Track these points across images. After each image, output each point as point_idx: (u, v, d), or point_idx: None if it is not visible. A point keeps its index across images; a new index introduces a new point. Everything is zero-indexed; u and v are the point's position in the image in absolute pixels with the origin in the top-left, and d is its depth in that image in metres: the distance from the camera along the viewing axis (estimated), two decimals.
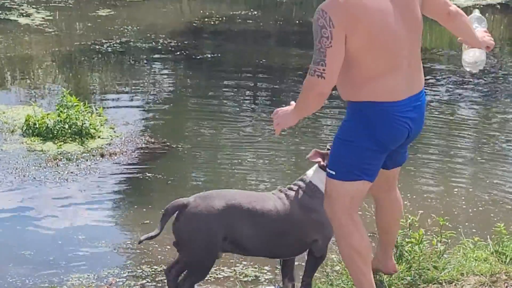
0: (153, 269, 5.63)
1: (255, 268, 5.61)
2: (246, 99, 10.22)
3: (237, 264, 5.65)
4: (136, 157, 7.83)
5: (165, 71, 11.59)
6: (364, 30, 4.01)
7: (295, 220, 4.71)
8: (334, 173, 4.29)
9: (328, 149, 4.75)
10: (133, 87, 10.49)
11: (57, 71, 11.21)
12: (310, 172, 4.85)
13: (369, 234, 4.61)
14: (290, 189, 4.83)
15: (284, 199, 4.76)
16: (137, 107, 9.71)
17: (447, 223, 5.41)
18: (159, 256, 5.80)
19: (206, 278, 4.83)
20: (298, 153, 8.04)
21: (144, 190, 7.13)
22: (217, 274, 5.49)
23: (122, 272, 5.61)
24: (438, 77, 11.37)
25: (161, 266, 5.61)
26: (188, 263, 4.65)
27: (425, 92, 4.36)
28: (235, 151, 8.13)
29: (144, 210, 6.65)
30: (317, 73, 4.03)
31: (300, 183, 4.83)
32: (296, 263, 4.99)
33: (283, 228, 4.70)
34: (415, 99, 4.25)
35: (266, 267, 5.61)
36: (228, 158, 7.94)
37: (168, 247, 5.74)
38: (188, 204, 4.62)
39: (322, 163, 4.73)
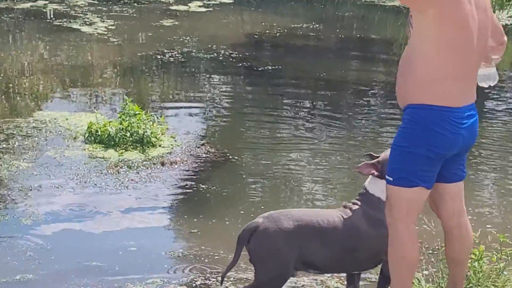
0: (204, 276, 5.68)
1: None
2: (305, 112, 10.22)
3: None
4: (196, 166, 7.89)
5: (226, 82, 11.66)
6: (456, 24, 4.17)
7: (363, 235, 4.70)
8: (391, 179, 4.39)
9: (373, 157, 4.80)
10: (194, 97, 10.57)
11: (119, 80, 11.34)
12: (367, 184, 4.84)
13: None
14: (354, 203, 4.82)
15: (350, 215, 4.75)
16: (198, 116, 9.79)
17: (507, 240, 5.37)
18: (206, 261, 5.90)
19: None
20: (357, 161, 8.01)
21: (199, 200, 7.17)
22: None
23: (173, 279, 5.64)
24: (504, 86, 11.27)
25: (211, 273, 5.68)
26: (261, 283, 4.67)
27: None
28: (293, 164, 8.13)
29: (195, 220, 6.70)
30: None
31: (362, 197, 4.82)
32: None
33: (353, 244, 4.69)
34: (469, 109, 4.36)
35: None
36: (286, 171, 7.93)
37: (222, 251, 5.81)
38: (258, 226, 4.64)
39: (376, 173, 4.73)
